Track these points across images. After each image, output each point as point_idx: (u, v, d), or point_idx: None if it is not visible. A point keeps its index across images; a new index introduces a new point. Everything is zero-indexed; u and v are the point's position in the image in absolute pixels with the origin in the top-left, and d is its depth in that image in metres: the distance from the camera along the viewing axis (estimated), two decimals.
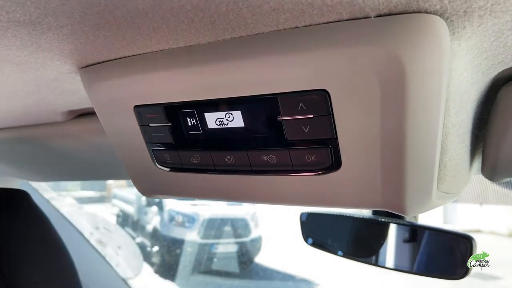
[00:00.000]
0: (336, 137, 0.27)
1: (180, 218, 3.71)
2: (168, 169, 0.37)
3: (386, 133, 0.25)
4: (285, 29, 0.24)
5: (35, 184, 1.21)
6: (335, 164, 0.28)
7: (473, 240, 0.62)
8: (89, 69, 0.33)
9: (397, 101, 0.23)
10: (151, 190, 0.39)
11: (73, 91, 0.41)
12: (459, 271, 0.65)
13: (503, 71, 0.29)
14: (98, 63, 0.32)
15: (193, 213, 3.64)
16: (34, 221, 0.59)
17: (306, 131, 0.27)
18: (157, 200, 3.45)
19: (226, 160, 0.32)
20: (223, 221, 3.79)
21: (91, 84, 0.33)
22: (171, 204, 3.75)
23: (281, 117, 0.28)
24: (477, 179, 0.48)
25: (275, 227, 4.04)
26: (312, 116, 0.27)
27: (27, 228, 0.57)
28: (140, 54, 0.30)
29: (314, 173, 0.29)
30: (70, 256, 0.64)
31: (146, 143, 0.35)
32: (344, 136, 0.27)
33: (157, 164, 0.37)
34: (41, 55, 0.30)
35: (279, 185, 0.32)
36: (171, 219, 3.75)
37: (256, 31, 0.25)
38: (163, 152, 0.35)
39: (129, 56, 0.30)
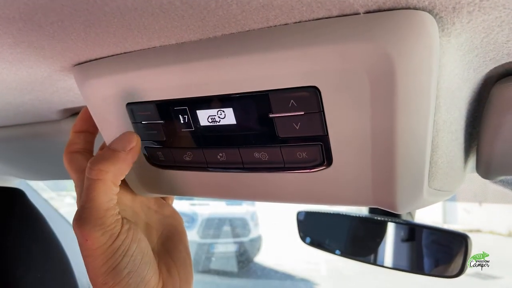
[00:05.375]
0: (327, 134, 0.27)
1: None
2: (161, 167, 0.37)
3: (376, 130, 0.25)
4: (275, 26, 0.24)
5: (34, 185, 1.21)
6: (326, 161, 0.28)
7: (468, 238, 0.62)
8: (82, 67, 0.33)
9: (387, 97, 0.23)
10: (145, 188, 0.39)
11: (67, 89, 0.41)
12: (455, 269, 0.65)
13: (495, 68, 0.29)
14: (91, 60, 0.32)
15: (193, 212, 3.64)
16: (29, 220, 0.59)
17: (297, 128, 0.27)
18: None
19: (218, 157, 0.32)
20: (222, 221, 3.79)
21: (84, 82, 0.33)
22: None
23: (272, 114, 0.28)
24: (475, 178, 0.48)
25: (275, 226, 4.04)
26: (303, 113, 0.27)
27: (23, 226, 0.57)
28: (132, 52, 0.30)
29: (305, 170, 0.29)
30: (67, 255, 0.64)
31: None
32: (335, 133, 0.27)
33: (150, 161, 0.37)
34: (33, 52, 0.30)
35: (271, 182, 0.32)
36: None
37: (246, 28, 0.25)
38: (155, 150, 0.35)
39: (121, 54, 0.30)
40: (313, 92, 0.25)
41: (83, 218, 0.31)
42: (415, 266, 0.73)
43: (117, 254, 0.32)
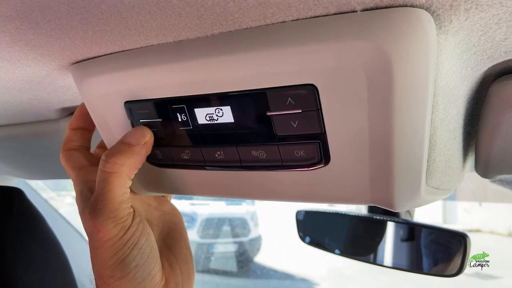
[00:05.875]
0: (325, 132, 0.27)
1: None
2: (159, 165, 0.37)
3: (373, 128, 0.25)
4: (272, 23, 0.24)
5: (34, 185, 1.22)
6: (324, 159, 0.28)
7: (467, 237, 0.62)
8: (80, 65, 0.33)
9: (384, 95, 0.23)
10: (143, 186, 0.39)
11: (65, 88, 0.41)
12: (454, 268, 0.65)
13: (493, 66, 0.29)
14: (89, 59, 0.32)
15: (192, 212, 3.64)
16: (28, 219, 0.59)
17: (295, 126, 0.27)
18: None
19: (216, 155, 0.32)
20: (222, 221, 3.79)
21: (82, 80, 0.33)
22: None
23: (270, 112, 0.28)
24: (475, 177, 0.48)
25: (275, 226, 4.04)
26: (300, 111, 0.26)
27: (21, 226, 0.57)
28: (130, 50, 0.30)
29: (303, 169, 0.29)
30: (65, 254, 0.64)
31: None
32: (333, 131, 0.27)
33: (148, 160, 0.37)
34: (31, 51, 0.30)
35: (269, 181, 0.31)
36: None
37: (244, 25, 0.25)
38: (153, 148, 0.35)
39: (119, 52, 0.30)
40: (311, 90, 0.25)
41: (98, 209, 0.31)
42: (415, 265, 0.73)
43: (126, 246, 0.32)
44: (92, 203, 0.32)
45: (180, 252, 0.41)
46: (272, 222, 4.11)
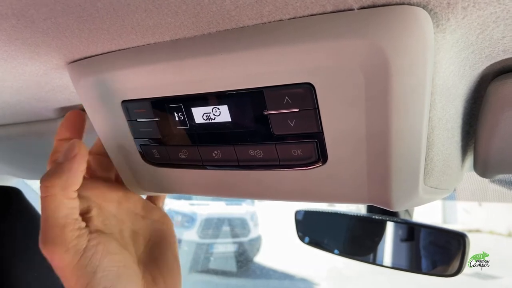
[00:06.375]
0: (322, 131, 0.27)
1: (179, 218, 3.71)
2: (156, 165, 0.36)
3: (371, 127, 0.25)
4: (269, 22, 0.24)
5: (34, 185, 1.21)
6: (321, 158, 0.28)
7: (466, 237, 0.62)
8: (77, 64, 0.33)
9: (381, 94, 0.23)
10: (140, 186, 0.39)
11: (63, 87, 0.41)
12: (453, 268, 0.65)
13: (491, 65, 0.29)
14: (86, 58, 0.32)
15: (192, 212, 3.64)
16: (26, 219, 0.59)
17: (292, 125, 0.27)
18: None
19: (214, 155, 0.32)
20: (222, 221, 3.79)
21: (79, 80, 0.33)
22: (171, 204, 3.75)
23: (267, 111, 0.27)
24: (474, 177, 0.48)
25: (275, 226, 4.04)
26: (297, 110, 0.26)
27: (20, 225, 0.57)
28: (127, 49, 0.30)
29: (300, 168, 0.29)
30: None
31: (134, 138, 0.35)
32: (330, 130, 0.27)
33: (145, 159, 0.37)
34: (28, 50, 0.30)
35: (266, 180, 0.31)
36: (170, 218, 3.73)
37: (240, 24, 0.25)
38: (151, 148, 0.35)
39: (116, 51, 0.30)
40: (308, 89, 0.25)
41: (43, 238, 0.30)
42: (414, 265, 0.73)
43: (87, 270, 0.31)
44: (40, 232, 0.31)
45: (167, 263, 0.39)
46: (271, 222, 4.11)
